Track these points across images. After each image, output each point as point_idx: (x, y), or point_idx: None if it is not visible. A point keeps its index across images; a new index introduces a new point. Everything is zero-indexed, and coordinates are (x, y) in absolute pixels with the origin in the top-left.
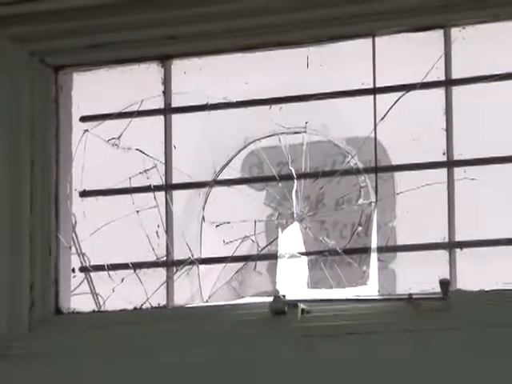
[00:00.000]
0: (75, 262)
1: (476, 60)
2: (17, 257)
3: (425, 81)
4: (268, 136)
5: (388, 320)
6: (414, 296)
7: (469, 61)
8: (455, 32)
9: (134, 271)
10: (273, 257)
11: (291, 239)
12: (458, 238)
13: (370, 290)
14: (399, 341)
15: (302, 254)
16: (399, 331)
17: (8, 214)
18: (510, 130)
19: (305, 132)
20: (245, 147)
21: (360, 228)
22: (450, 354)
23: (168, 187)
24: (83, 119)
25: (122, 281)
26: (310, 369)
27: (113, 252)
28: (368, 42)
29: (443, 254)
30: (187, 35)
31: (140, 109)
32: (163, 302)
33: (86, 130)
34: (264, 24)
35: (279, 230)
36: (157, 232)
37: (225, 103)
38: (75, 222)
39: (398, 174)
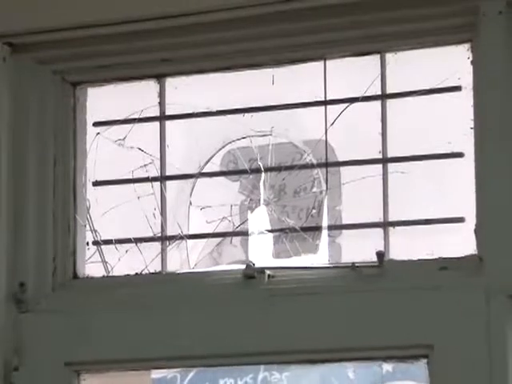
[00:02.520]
0: (89, 237)
1: (405, 78)
2: (42, 234)
3: (365, 95)
4: (241, 138)
5: (335, 283)
6: (356, 264)
7: (400, 79)
8: (389, 56)
9: (136, 244)
10: (245, 233)
11: (259, 219)
12: (391, 218)
13: (321, 259)
14: (344, 299)
15: (268, 231)
16: (344, 291)
17: (35, 200)
18: (432, 134)
19: (271, 135)
20: (223, 147)
21: (314, 211)
22: (384, 308)
23: (162, 178)
24: (95, 124)
25: (126, 252)
26: (274, 320)
27: (119, 229)
28: (320, 64)
29: (379, 231)
30: (178, 59)
31: (140, 116)
32: (158, 269)
33: (98, 133)
34: (239, 50)
35: (250, 212)
36: (153, 214)
37: (207, 112)
38: (89, 206)
39: (343, 169)
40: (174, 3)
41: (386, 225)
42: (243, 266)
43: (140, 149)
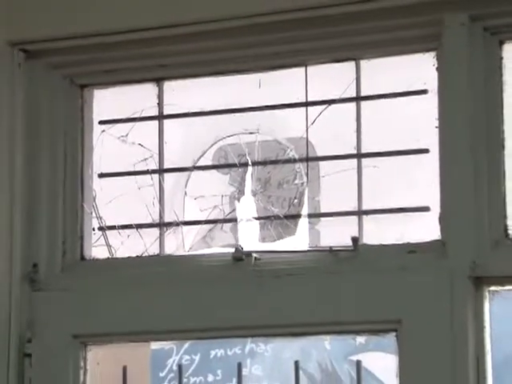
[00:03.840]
0: (95, 223)
1: (378, 83)
2: (53, 220)
3: (342, 97)
4: (231, 135)
5: (314, 265)
6: (333, 248)
7: (373, 83)
8: (363, 63)
9: (136, 230)
10: (234, 220)
11: (247, 208)
12: (365, 207)
13: (302, 243)
14: (322, 279)
15: (255, 218)
16: (322, 272)
17: (47, 190)
18: (401, 133)
19: (257, 133)
20: (215, 143)
21: (295, 200)
22: (358, 287)
23: (161, 171)
24: (101, 122)
25: (128, 237)
26: (260, 298)
27: (121, 216)
28: (302, 70)
29: (354, 219)
30: (174, 64)
31: (141, 115)
32: (157, 252)
33: (103, 130)
34: (229, 57)
35: (238, 201)
36: (153, 203)
37: (201, 112)
38: (95, 195)
39: (322, 163)
40: (171, 15)
41: (359, 213)
42: (232, 250)
43: (141, 144)
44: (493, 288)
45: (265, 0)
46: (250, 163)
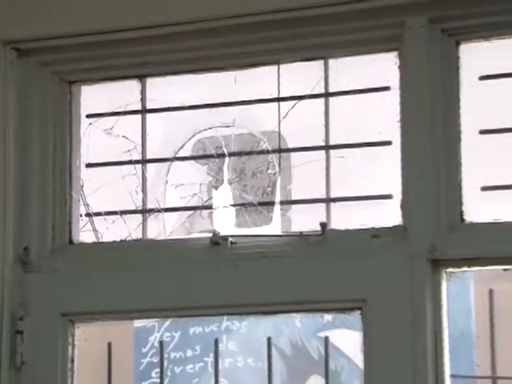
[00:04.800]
0: (82, 210)
1: (345, 80)
2: (44, 206)
3: (311, 93)
4: (209, 129)
5: (286, 248)
6: (303, 233)
7: (340, 80)
8: (331, 62)
9: (121, 216)
10: (212, 207)
11: (224, 196)
12: (332, 195)
13: (275, 229)
14: (293, 261)
15: (231, 205)
16: (293, 255)
17: (38, 179)
18: (366, 126)
19: (233, 126)
20: (193, 136)
21: (268, 189)
22: (326, 269)
23: (144, 161)
24: (88, 116)
25: (113, 222)
26: (235, 279)
27: (107, 203)
28: (274, 67)
29: (322, 206)
30: (157, 62)
31: (125, 110)
32: (140, 236)
33: (90, 124)
34: (207, 55)
35: (216, 190)
36: (136, 191)
37: (181, 107)
38: (82, 184)
39: (293, 154)
40: (153, 16)
41: (327, 200)
42: (210, 235)
43: (125, 137)
44: (449, 269)
45: (240, 3)
46: (226, 154)
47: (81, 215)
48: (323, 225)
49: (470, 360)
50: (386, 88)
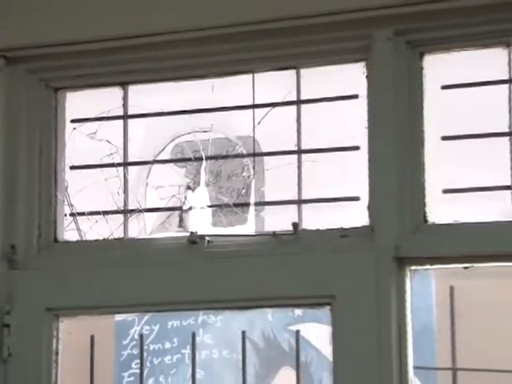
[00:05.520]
0: (67, 210)
1: (316, 88)
2: (30, 207)
3: (284, 100)
4: (187, 133)
5: (260, 247)
6: (276, 232)
7: (311, 88)
8: (303, 71)
9: (103, 216)
10: (190, 208)
11: (201, 197)
12: (304, 197)
13: (249, 228)
14: (266, 259)
15: (208, 206)
16: (267, 254)
17: (25, 180)
18: (335, 132)
19: (210, 131)
20: (173, 140)
21: (243, 191)
22: (297, 267)
23: (125, 164)
24: (73, 121)
25: (96, 222)
26: (211, 276)
27: (90, 204)
28: (250, 76)
29: (294, 207)
30: (138, 70)
31: (108, 115)
32: (121, 235)
33: (74, 128)
34: (185, 64)
35: (193, 191)
36: (118, 192)
37: (160, 112)
38: (67, 185)
39: (266, 158)
40: (134, 27)
41: (299, 202)
42: (188, 234)
43: (107, 141)
44: (413, 267)
45: (217, 14)
46: (203, 158)
47: (65, 215)
48: (295, 225)
49: (431, 352)
50: (355, 96)
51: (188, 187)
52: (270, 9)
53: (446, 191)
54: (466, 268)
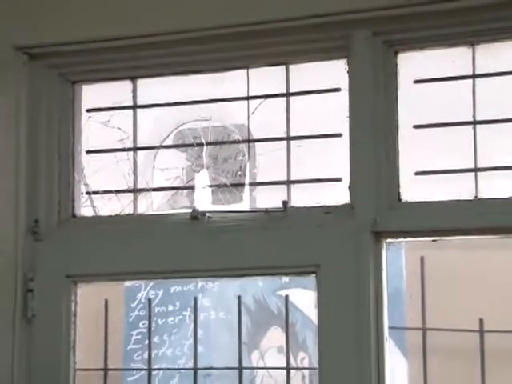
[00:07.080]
0: (83, 189)
1: (303, 82)
2: (51, 186)
3: (275, 93)
4: (189, 122)
5: (253, 222)
6: (268, 209)
7: (299, 82)
8: (292, 67)
9: (115, 194)
10: (192, 188)
11: (201, 178)
12: (292, 178)
13: (244, 206)
14: (259, 233)
15: (208, 186)
16: (259, 228)
17: (46, 163)
18: (321, 121)
19: (210, 120)
20: (177, 128)
21: (239, 172)
22: (286, 240)
23: (135, 149)
24: (88, 111)
25: (109, 199)
26: (211, 248)
27: (104, 184)
28: (245, 71)
29: (284, 187)
30: (146, 66)
31: (119, 105)
32: (131, 211)
33: (90, 117)
34: (189, 60)
35: (195, 173)
36: (128, 173)
37: (167, 103)
38: (83, 167)
39: (259, 144)
40: (143, 27)
41: (288, 182)
42: (190, 210)
43: (119, 128)
44: (389, 240)
45: (216, 16)
46: (204, 143)
47: (82, 193)
48: (284, 203)
49: (402, 314)
50: (337, 89)
51: (191, 169)
52: (262, 12)
53: (417, 173)
54: (434, 241)
